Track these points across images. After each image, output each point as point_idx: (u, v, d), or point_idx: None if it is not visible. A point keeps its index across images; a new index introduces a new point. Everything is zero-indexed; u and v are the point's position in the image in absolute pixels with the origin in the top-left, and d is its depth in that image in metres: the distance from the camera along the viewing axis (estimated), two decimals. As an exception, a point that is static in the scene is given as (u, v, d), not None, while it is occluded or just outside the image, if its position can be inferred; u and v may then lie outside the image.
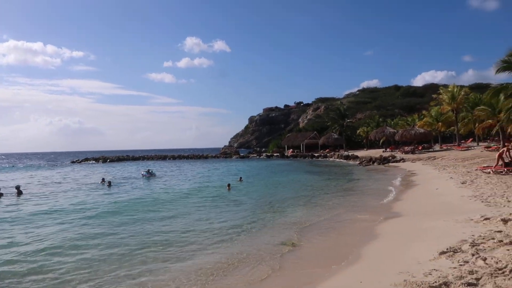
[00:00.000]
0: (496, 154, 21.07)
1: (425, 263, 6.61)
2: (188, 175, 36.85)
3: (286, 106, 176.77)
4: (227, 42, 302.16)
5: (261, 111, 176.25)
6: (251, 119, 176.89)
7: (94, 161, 76.53)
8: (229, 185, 23.43)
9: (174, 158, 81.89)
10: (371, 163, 42.27)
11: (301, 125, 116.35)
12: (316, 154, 65.89)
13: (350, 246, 9.00)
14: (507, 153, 20.52)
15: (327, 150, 68.54)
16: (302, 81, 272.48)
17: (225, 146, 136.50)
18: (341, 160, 53.94)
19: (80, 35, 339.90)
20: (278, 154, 74.57)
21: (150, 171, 36.68)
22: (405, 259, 7.09)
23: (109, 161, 74.59)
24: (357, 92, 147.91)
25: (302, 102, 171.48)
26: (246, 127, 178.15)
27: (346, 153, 58.35)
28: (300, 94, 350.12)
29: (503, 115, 28.20)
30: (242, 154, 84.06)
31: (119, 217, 14.27)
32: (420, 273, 6.11)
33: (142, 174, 35.98)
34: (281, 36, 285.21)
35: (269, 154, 78.28)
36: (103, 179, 29.10)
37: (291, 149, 75.11)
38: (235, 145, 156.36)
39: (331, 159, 58.87)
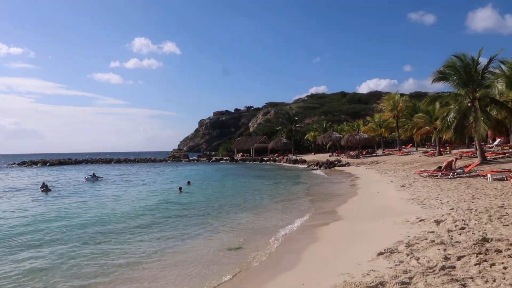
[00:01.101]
0: (445, 161, 22.36)
1: (364, 264, 6.86)
2: (135, 179, 35.79)
3: (236, 110, 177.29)
4: (178, 44, 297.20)
5: (211, 115, 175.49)
6: (201, 123, 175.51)
7: (32, 165, 72.26)
8: (180, 188, 23.43)
9: (120, 162, 79.20)
10: (318, 167, 43.41)
11: (251, 129, 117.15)
12: (265, 158, 66.60)
13: (294, 250, 9.14)
14: (455, 164, 21.83)
15: (277, 154, 69.55)
16: (252, 86, 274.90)
17: (174, 149, 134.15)
18: (290, 164, 54.92)
19: (18, 30, 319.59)
20: (228, 158, 74.57)
21: (95, 174, 35.27)
22: (345, 261, 7.32)
23: (49, 165, 70.73)
24: (306, 98, 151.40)
25: (252, 106, 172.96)
26: (196, 131, 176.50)
27: (294, 157, 59.48)
28: (251, 98, 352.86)
29: (439, 123, 30.05)
30: (191, 158, 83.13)
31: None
32: (359, 274, 6.32)
33: (86, 178, 34.47)
34: (232, 41, 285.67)
35: (218, 158, 78.02)
36: (44, 185, 25.89)
37: (241, 153, 75.44)
38: (185, 148, 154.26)
39: (280, 163, 59.74)
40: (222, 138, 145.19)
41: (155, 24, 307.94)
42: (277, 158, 64.53)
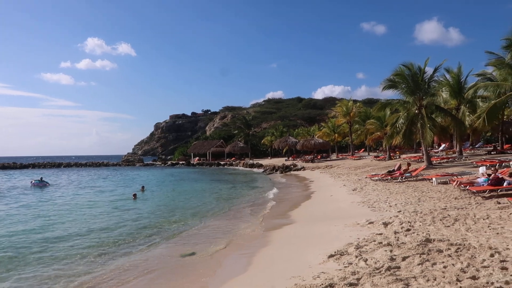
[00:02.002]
0: (395, 166, 23.33)
1: (315, 267, 6.98)
2: (86, 184, 34.44)
3: (193, 113, 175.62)
4: (133, 46, 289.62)
5: (167, 118, 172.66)
6: (157, 126, 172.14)
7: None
8: (135, 194, 22.76)
9: (70, 166, 75.88)
10: (274, 171, 43.85)
11: (208, 133, 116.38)
12: (222, 162, 66.40)
13: (246, 254, 9.13)
14: (402, 167, 22.82)
15: (233, 158, 69.56)
16: (210, 89, 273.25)
17: (128, 153, 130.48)
18: (247, 168, 55.08)
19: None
20: (184, 162, 73.68)
21: (43, 179, 33.59)
22: (297, 264, 7.42)
23: (-9, 169, 66.55)
24: (263, 102, 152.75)
25: (209, 110, 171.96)
26: (152, 134, 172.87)
27: (251, 161, 59.75)
28: (208, 102, 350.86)
29: (389, 129, 31.31)
30: (146, 162, 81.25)
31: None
32: (310, 276, 6.43)
33: (32, 183, 32.74)
34: (189, 43, 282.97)
35: (174, 162, 76.88)
36: None
37: (197, 157, 74.79)
38: (140, 152, 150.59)
39: (236, 167, 59.79)
40: (178, 142, 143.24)
41: (109, 25, 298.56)
42: (233, 163, 64.57)
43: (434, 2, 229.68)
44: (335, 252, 7.64)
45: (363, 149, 59.66)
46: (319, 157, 52.02)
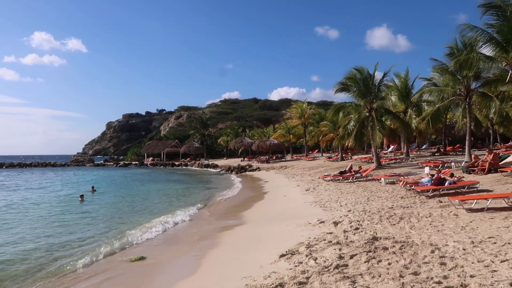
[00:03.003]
0: (347, 167, 24.06)
1: (266, 267, 7.02)
2: (30, 185, 32.64)
3: (147, 113, 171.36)
4: (84, 42, 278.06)
5: (120, 117, 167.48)
6: (109, 125, 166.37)
7: None
8: (82, 196, 21.61)
9: (13, 166, 71.51)
10: (229, 171, 43.80)
11: (162, 133, 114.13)
12: (177, 163, 65.40)
13: (196, 256, 9.02)
14: (352, 168, 23.60)
15: (188, 158, 68.72)
16: (165, 88, 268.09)
17: (78, 153, 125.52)
18: (202, 169, 54.63)
19: None
20: (137, 162, 71.89)
21: None
22: (248, 264, 7.43)
23: None
24: (219, 103, 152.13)
25: (164, 110, 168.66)
26: (103, 134, 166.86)
27: (206, 162, 59.33)
28: (163, 101, 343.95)
29: (341, 130, 32.20)
30: (97, 162, 78.37)
31: None
32: (261, 276, 6.46)
33: None
34: (144, 41, 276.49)
35: (127, 162, 74.75)
36: None
37: (151, 158, 73.20)
38: (90, 152, 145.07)
39: (192, 167, 59.14)
40: (131, 141, 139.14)
41: (58, 19, 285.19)
42: (188, 163, 63.81)
43: (384, 9, 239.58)
44: (286, 251, 7.73)
45: (317, 150, 60.94)
46: (274, 158, 52.57)
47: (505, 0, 17.20)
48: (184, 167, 61.34)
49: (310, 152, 58.43)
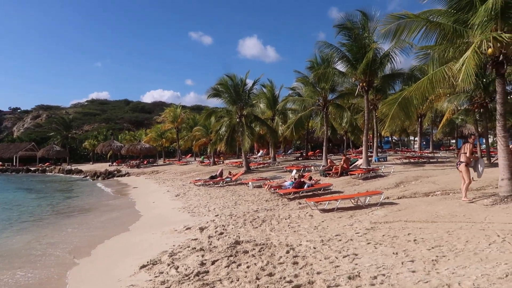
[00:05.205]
0: (217, 171, 24.35)
1: (125, 280, 6.65)
2: None
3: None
4: None
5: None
6: None
7: None
8: None
9: None
10: (95, 177, 40.82)
11: (16, 134, 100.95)
12: (32, 168, 58.27)
13: (52, 273, 8.10)
14: (222, 173, 24.05)
15: (47, 163, 61.93)
16: (20, 85, 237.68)
17: None
18: (64, 174, 49.85)
19: None
20: (-18, 168, 62.09)
21: None
22: (105, 279, 6.95)
23: None
24: (86, 103, 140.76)
25: (19, 108, 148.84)
26: None
27: (69, 167, 54.35)
28: (17, 99, 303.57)
29: (214, 135, 32.67)
30: None
31: None
32: (118, 291, 6.08)
33: None
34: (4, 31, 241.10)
35: (-31, 168, 63.99)
36: None
37: (0, 162, 63.98)
38: None
39: (51, 173, 53.49)
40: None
41: None
42: (47, 168, 57.50)
43: (254, 21, 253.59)
44: (147, 262, 7.44)
45: (190, 155, 60.81)
46: (145, 162, 50.75)
47: (353, 22, 19.59)
48: (42, 173, 54.99)
49: (183, 156, 58.06)
